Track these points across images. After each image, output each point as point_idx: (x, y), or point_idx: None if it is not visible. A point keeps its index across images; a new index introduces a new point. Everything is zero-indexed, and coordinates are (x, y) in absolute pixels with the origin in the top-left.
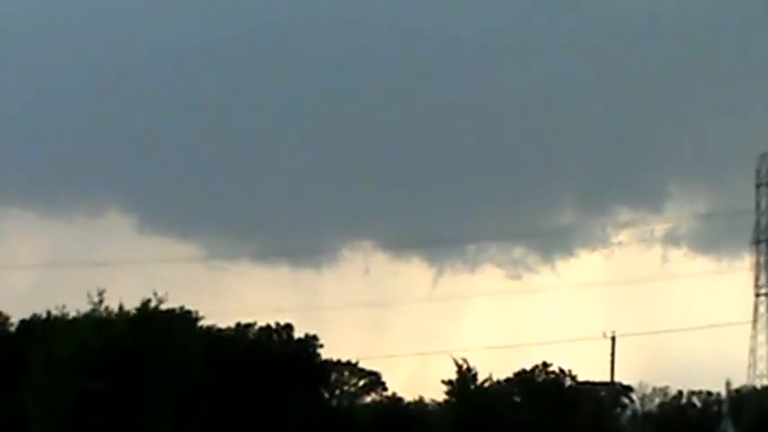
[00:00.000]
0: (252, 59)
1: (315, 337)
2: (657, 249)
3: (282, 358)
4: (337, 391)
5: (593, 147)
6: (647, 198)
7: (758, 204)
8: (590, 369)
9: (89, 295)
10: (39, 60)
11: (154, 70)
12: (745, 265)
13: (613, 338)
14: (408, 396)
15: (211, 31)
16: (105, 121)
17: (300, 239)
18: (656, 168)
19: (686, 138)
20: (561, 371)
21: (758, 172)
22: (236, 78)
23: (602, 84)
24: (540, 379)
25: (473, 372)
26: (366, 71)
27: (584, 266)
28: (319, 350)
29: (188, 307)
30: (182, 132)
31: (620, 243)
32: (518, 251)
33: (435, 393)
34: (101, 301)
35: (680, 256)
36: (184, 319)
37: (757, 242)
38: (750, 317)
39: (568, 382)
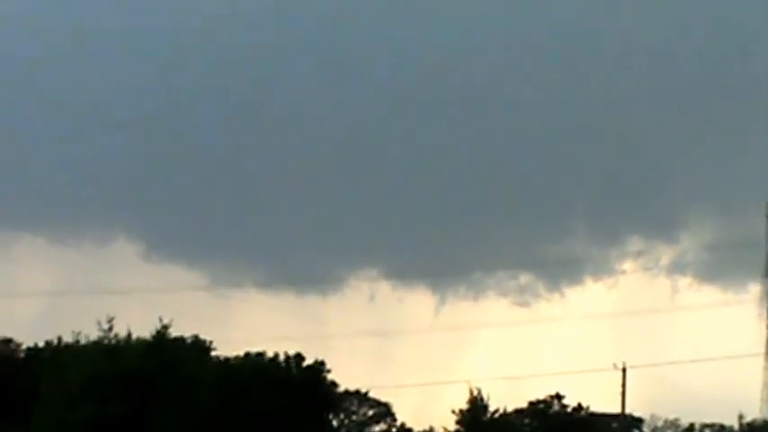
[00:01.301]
0: (257, 88)
1: (323, 363)
2: (662, 279)
3: (291, 383)
4: (346, 421)
5: (605, 175)
6: (658, 228)
7: None
8: (599, 399)
9: (99, 323)
10: (49, 92)
11: (158, 100)
12: (749, 296)
13: (624, 369)
14: (417, 426)
15: (216, 59)
16: (113, 151)
17: (305, 267)
18: (669, 199)
19: (700, 168)
20: (579, 405)
21: None
22: (241, 108)
23: (617, 113)
24: (552, 410)
25: (485, 402)
26: (372, 103)
27: (589, 295)
28: (327, 376)
29: (201, 336)
30: (187, 162)
31: (623, 272)
32: (525, 279)
33: (444, 423)
34: (110, 328)
35: (685, 286)
36: (196, 348)
37: None
38: (759, 349)
39: (581, 413)
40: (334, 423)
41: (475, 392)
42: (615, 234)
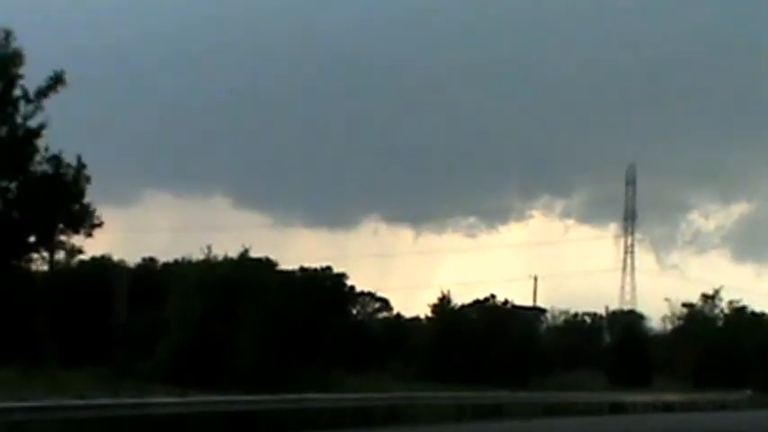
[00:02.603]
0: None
1: (344, 274)
2: (556, 221)
3: (324, 286)
4: (361, 310)
5: (530, 151)
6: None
7: (627, 195)
8: (519, 298)
9: (203, 248)
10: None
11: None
12: (611, 233)
13: (535, 279)
14: (407, 314)
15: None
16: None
17: (334, 212)
18: (564, 168)
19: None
20: (506, 300)
21: (627, 174)
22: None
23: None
24: (489, 305)
25: (448, 299)
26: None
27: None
28: (348, 282)
29: (270, 256)
30: (266, 135)
31: (531, 216)
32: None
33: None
34: (210, 252)
35: (571, 225)
36: (267, 264)
37: (626, 219)
38: (617, 266)
39: (507, 305)
40: (354, 311)
41: (445, 292)
42: (531, 192)
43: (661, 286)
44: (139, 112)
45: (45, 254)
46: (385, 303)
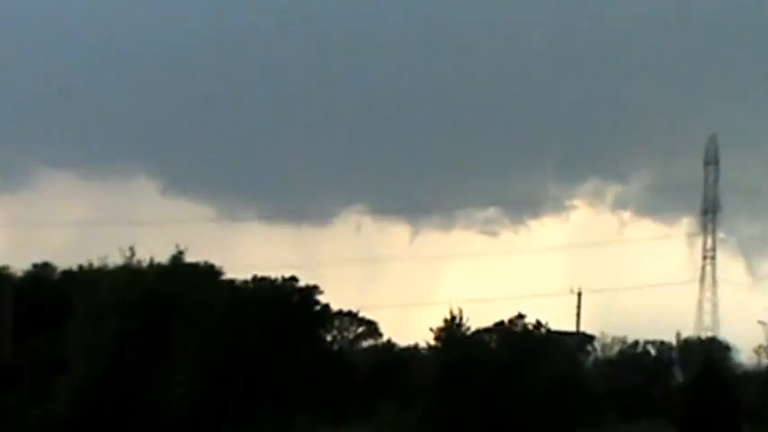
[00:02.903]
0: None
1: (316, 287)
2: (607, 214)
3: (288, 303)
4: (339, 337)
5: (568, 126)
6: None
7: (706, 180)
8: (557, 320)
9: (121, 249)
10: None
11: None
12: (683, 230)
13: (579, 294)
14: (402, 341)
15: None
16: (134, 103)
17: (302, 202)
18: (619, 146)
19: (647, 122)
20: (538, 323)
21: (707, 151)
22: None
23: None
24: (515, 329)
25: (463, 321)
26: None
27: (543, 229)
28: (320, 297)
29: (212, 261)
30: (201, 111)
31: (573, 207)
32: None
33: (423, 339)
34: (132, 255)
35: (627, 220)
36: (208, 272)
37: (705, 212)
38: (693, 277)
39: (540, 330)
40: (329, 338)
41: (455, 312)
42: (573, 174)
43: (753, 305)
44: (34, 70)
45: None
46: (371, 327)
